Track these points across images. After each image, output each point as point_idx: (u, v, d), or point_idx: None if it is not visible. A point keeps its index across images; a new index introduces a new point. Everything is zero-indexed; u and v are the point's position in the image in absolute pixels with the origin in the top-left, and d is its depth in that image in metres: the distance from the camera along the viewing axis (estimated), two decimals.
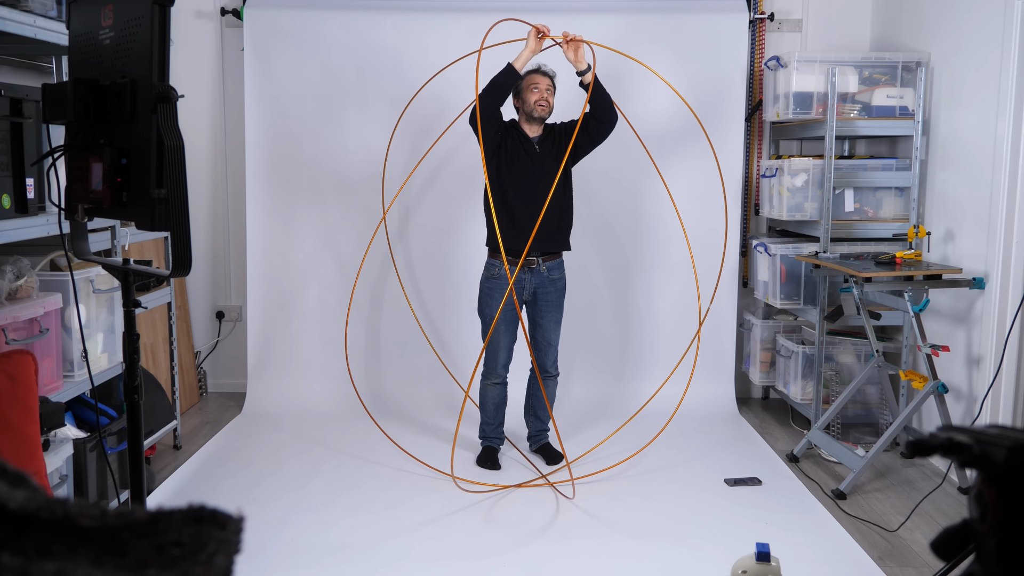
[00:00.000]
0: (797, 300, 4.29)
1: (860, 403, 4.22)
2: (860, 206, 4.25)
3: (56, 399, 2.76)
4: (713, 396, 4.58)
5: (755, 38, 4.69)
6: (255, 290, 4.61)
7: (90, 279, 3.13)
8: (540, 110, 3.57)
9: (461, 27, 4.46)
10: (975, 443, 0.54)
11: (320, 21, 4.48)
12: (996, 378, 3.45)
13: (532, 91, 3.57)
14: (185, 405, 4.55)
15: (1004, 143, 3.46)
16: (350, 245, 4.58)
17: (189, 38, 4.68)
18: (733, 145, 4.55)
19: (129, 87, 1.84)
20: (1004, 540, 0.53)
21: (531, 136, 3.61)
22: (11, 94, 2.63)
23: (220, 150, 4.80)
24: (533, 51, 3.49)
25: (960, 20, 3.82)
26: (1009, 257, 3.46)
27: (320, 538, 3.02)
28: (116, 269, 2.12)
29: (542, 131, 3.64)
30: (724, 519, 3.21)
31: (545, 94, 3.57)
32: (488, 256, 3.70)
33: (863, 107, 4.21)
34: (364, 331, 4.65)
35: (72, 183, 2.02)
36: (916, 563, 2.91)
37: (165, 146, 1.78)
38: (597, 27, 4.47)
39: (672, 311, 4.63)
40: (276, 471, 3.65)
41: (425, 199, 4.61)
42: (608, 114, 3.56)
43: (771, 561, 2.32)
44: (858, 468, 3.45)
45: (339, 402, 4.47)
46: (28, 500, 0.42)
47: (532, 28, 3.51)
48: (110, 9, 1.91)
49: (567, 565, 2.85)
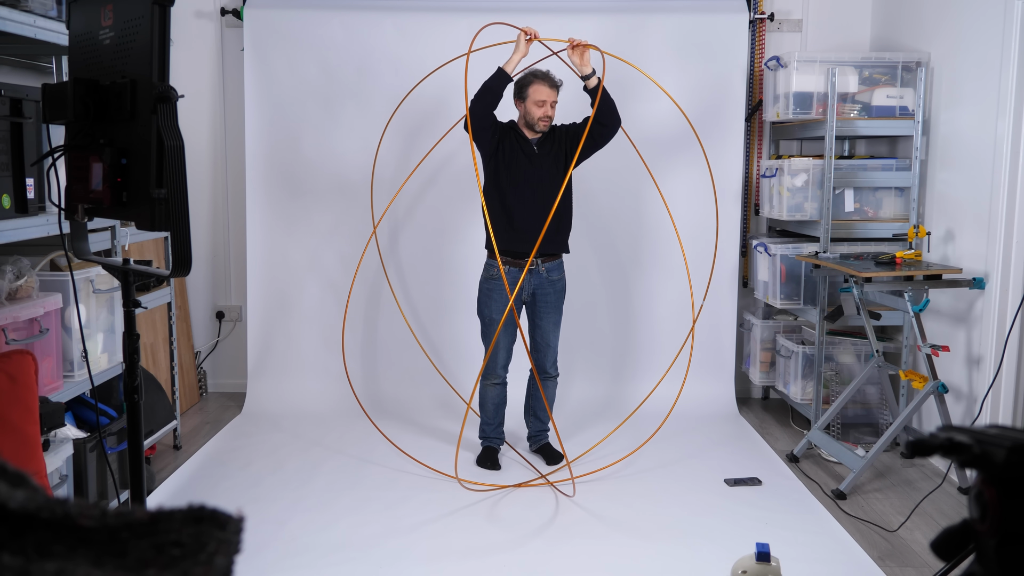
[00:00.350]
0: (797, 300, 4.29)
1: (860, 403, 4.22)
2: (860, 206, 4.25)
3: (56, 399, 2.76)
4: (713, 396, 4.58)
5: (755, 38, 4.69)
6: (255, 290, 4.61)
7: (90, 279, 3.13)
8: (542, 125, 3.53)
9: (461, 27, 4.46)
10: (975, 443, 0.54)
11: (320, 21, 4.48)
12: (996, 378, 3.45)
13: (538, 106, 3.50)
14: (185, 405, 4.55)
15: (1004, 143, 3.46)
16: (350, 245, 4.57)
17: (189, 38, 4.68)
18: (733, 145, 4.55)
19: (129, 87, 1.84)
20: (1004, 540, 0.53)
21: (530, 138, 3.60)
22: (11, 94, 2.63)
23: (220, 150, 4.80)
24: (523, 55, 3.47)
25: (960, 20, 3.82)
26: (1009, 257, 3.46)
27: (320, 538, 3.02)
28: (116, 269, 2.12)
29: (541, 133, 3.62)
30: (724, 519, 3.21)
31: (550, 111, 3.52)
32: (487, 257, 3.69)
33: (863, 107, 4.21)
34: (364, 331, 4.65)
35: (72, 183, 2.02)
36: (916, 563, 2.91)
37: (165, 146, 1.78)
38: (597, 27, 4.47)
39: (671, 310, 4.63)
40: (276, 471, 3.65)
41: (424, 199, 4.61)
42: (612, 119, 3.54)
43: (771, 561, 2.32)
44: (858, 468, 3.45)
45: (339, 402, 4.47)
46: (28, 500, 0.42)
47: (520, 32, 3.48)
48: (110, 9, 1.91)
49: (567, 565, 2.85)
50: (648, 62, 4.49)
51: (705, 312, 4.59)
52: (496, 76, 3.47)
